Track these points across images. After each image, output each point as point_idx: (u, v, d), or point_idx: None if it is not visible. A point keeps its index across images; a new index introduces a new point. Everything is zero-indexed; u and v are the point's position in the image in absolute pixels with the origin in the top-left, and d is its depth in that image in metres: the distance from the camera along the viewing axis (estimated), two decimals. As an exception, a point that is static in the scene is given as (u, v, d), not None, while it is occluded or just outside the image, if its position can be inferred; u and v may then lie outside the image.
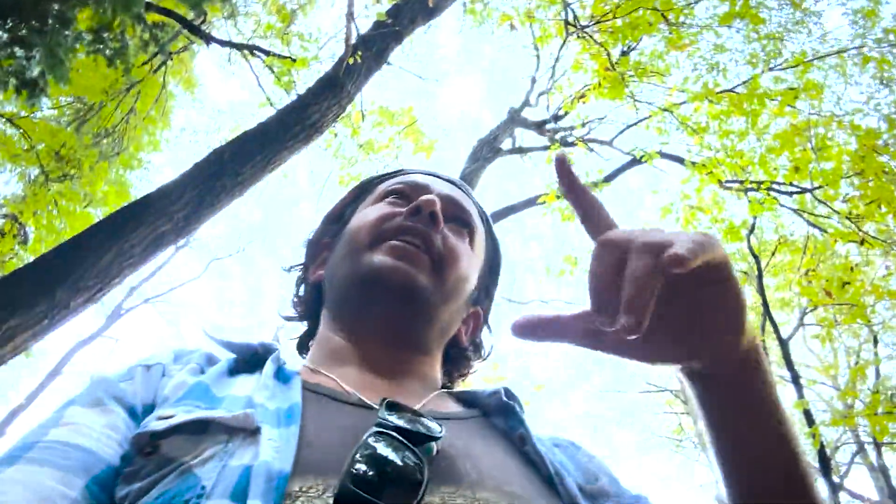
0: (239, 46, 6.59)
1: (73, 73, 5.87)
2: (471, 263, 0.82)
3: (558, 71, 8.35)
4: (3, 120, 7.50)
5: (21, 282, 3.07)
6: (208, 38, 6.30)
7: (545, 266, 9.32)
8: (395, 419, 0.56)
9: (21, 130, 7.42)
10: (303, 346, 0.91)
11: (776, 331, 8.89)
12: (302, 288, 0.91)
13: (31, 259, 7.60)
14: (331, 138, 7.64)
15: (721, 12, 6.49)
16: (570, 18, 5.94)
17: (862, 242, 5.40)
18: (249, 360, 0.72)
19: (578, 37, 5.81)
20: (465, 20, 8.60)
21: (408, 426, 0.55)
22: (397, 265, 0.73)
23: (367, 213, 0.82)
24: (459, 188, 0.92)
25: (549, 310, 0.52)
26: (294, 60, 5.88)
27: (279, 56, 6.14)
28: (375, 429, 0.52)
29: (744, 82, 6.43)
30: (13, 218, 8.02)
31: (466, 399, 0.81)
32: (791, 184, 6.08)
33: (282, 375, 0.67)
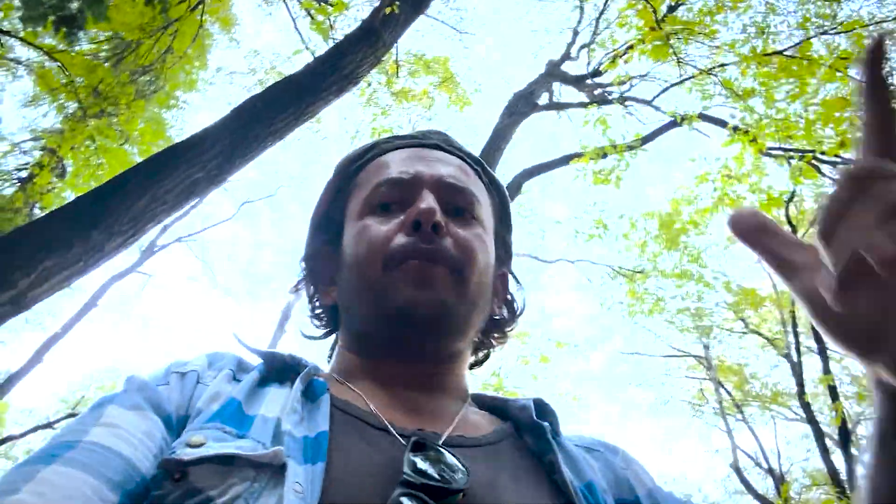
0: (277, -13, 6.49)
1: (111, 9, 5.85)
2: (485, 248, 0.78)
3: (602, 25, 8.11)
4: (42, 53, 7.54)
5: (58, 223, 3.13)
6: (246, -22, 6.20)
7: (573, 228, 9.23)
8: (422, 465, 0.55)
9: (59, 64, 7.46)
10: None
11: (807, 302, 8.76)
12: (317, 305, 0.88)
13: (69, 194, 7.76)
14: (364, 86, 7.56)
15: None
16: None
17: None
18: (279, 368, 0.71)
19: (625, -10, 5.60)
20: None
21: (435, 482, 0.53)
22: (421, 296, 0.70)
23: (362, 233, 0.77)
24: (444, 149, 0.86)
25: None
26: (331, 4, 5.79)
27: (317, -1, 6.04)
28: (402, 490, 0.52)
29: (794, 45, 6.17)
30: (51, 151, 8.16)
31: (497, 409, 0.79)
32: (836, 155, 5.88)
33: (310, 391, 0.66)
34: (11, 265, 2.83)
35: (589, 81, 8.02)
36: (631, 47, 6.46)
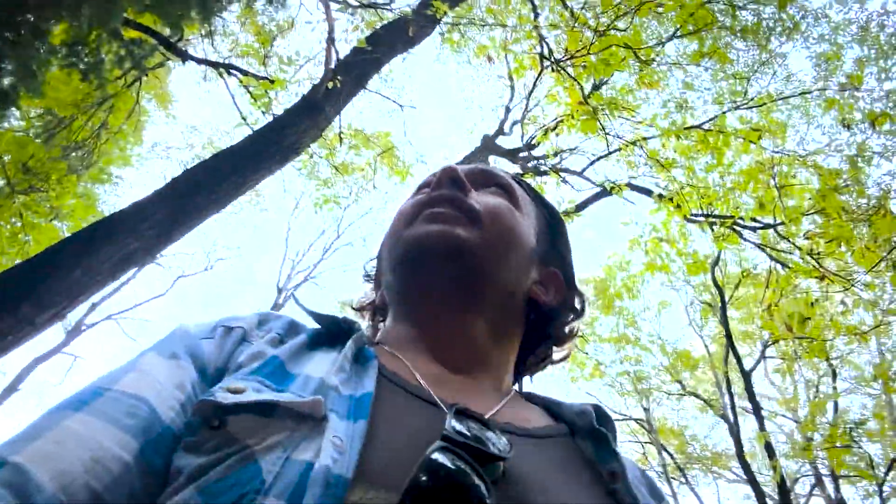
0: (215, 65, 6.58)
1: (45, 85, 5.80)
2: (514, 216, 0.79)
3: (532, 102, 8.51)
4: (-30, 130, 7.35)
5: (-15, 296, 3.01)
6: (184, 56, 6.28)
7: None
8: (462, 429, 0.53)
9: (-13, 141, 7.28)
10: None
11: (739, 363, 9.05)
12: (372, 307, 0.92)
13: (-8, 272, 7.43)
14: (305, 158, 7.65)
15: (690, 51, 6.70)
16: (545, 52, 6.08)
17: (822, 279, 5.56)
18: (332, 331, 0.70)
19: (553, 70, 5.93)
20: (442, 49, 8.73)
21: (475, 444, 0.52)
22: (432, 227, 0.73)
23: (397, 210, 0.83)
24: (489, 167, 0.90)
25: None
26: (272, 81, 5.90)
27: (257, 76, 6.15)
28: (441, 443, 0.50)
29: (710, 119, 6.64)
30: (-25, 229, 7.83)
31: (550, 409, 0.76)
32: (754, 219, 6.25)
33: (360, 357, 0.65)
34: (-67, 340, 2.69)
35: (523, 154, 8.34)
36: (561, 121, 6.80)
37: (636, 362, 11.10)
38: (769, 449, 7.74)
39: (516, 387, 0.83)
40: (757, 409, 8.70)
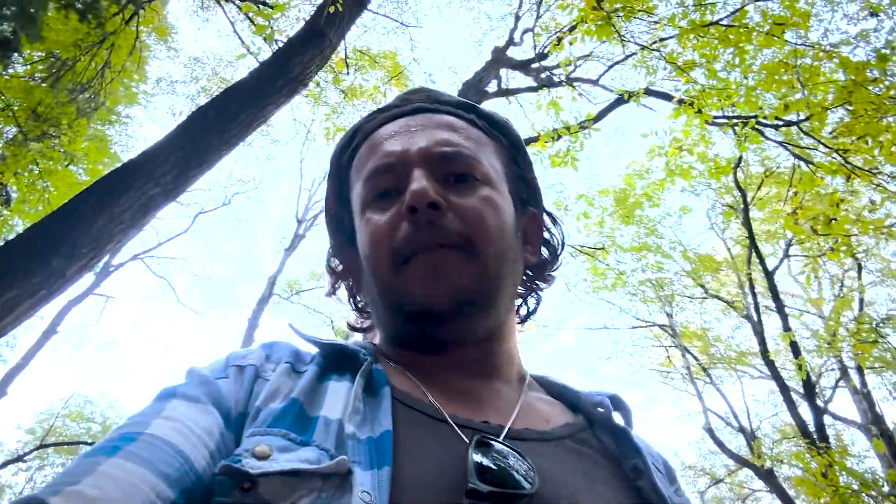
0: (213, -7, 6.38)
1: (45, 28, 5.68)
2: (497, 208, 0.73)
3: (543, 8, 8.18)
4: (-25, 78, 7.28)
5: (16, 253, 3.05)
6: (181, -14, 6.08)
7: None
8: (487, 462, 0.54)
9: (-6, 89, 7.22)
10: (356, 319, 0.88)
11: (762, 263, 9.03)
12: (358, 300, 0.87)
13: (17, 221, 7.53)
14: (312, 86, 7.49)
15: (708, -57, 6.32)
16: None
17: (849, 177, 5.44)
18: (338, 357, 0.70)
19: (563, -26, 5.66)
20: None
21: (501, 487, 0.53)
22: (436, 289, 0.67)
23: (366, 232, 0.74)
24: (429, 109, 0.81)
25: None
26: (272, 7, 5.72)
27: (256, 2, 5.96)
28: (469, 501, 0.51)
29: (730, 14, 6.34)
30: (-6, 179, 7.89)
31: (567, 398, 0.76)
32: (777, 117, 6.06)
33: (371, 386, 0.64)
34: (-29, 300, 2.75)
35: (535, 65, 8.10)
36: (573, 28, 6.54)
37: (658, 269, 11.12)
38: (794, 347, 7.82)
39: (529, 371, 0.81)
40: (780, 308, 8.75)
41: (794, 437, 9.78)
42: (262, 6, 5.96)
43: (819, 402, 8.85)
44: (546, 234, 0.87)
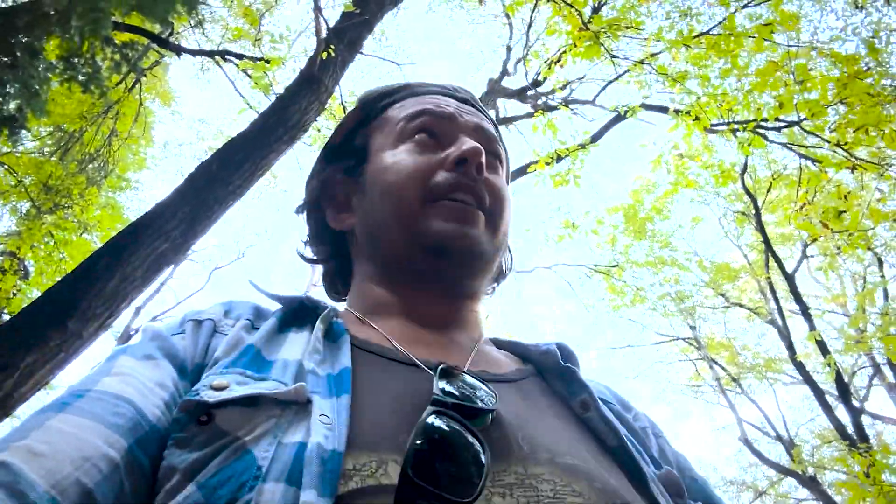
0: (210, 54, 6.55)
1: (49, 102, 5.85)
2: (510, 201, 0.80)
3: (532, 36, 8.31)
4: (-13, 158, 7.48)
5: (32, 318, 3.10)
6: (178, 50, 6.26)
7: (543, 233, 9.34)
8: (450, 388, 0.55)
9: (6, 167, 7.41)
10: (332, 287, 0.89)
11: (780, 266, 8.94)
12: (319, 229, 0.87)
13: (36, 293, 7.64)
14: (315, 133, 7.62)
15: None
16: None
17: (854, 168, 5.41)
18: (298, 312, 0.71)
19: (548, 0, 5.77)
20: (433, -2, 8.52)
21: (465, 402, 0.54)
22: (461, 231, 0.71)
23: (400, 161, 0.76)
24: (473, 104, 0.87)
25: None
26: (267, 61, 5.85)
27: (252, 59, 6.10)
28: (433, 408, 0.51)
29: (718, 23, 6.40)
30: (11, 255, 8.04)
31: (517, 352, 0.79)
32: (777, 119, 6.07)
33: (331, 333, 0.66)
34: (-9, 368, 2.79)
35: (531, 92, 8.19)
36: (564, 52, 6.63)
37: (675, 282, 11.03)
38: (822, 347, 7.69)
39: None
40: (804, 310, 8.62)
41: (834, 440, 9.54)
42: (259, 62, 6.11)
43: (855, 402, 8.65)
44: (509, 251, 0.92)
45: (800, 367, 8.51)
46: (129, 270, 3.39)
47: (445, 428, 0.50)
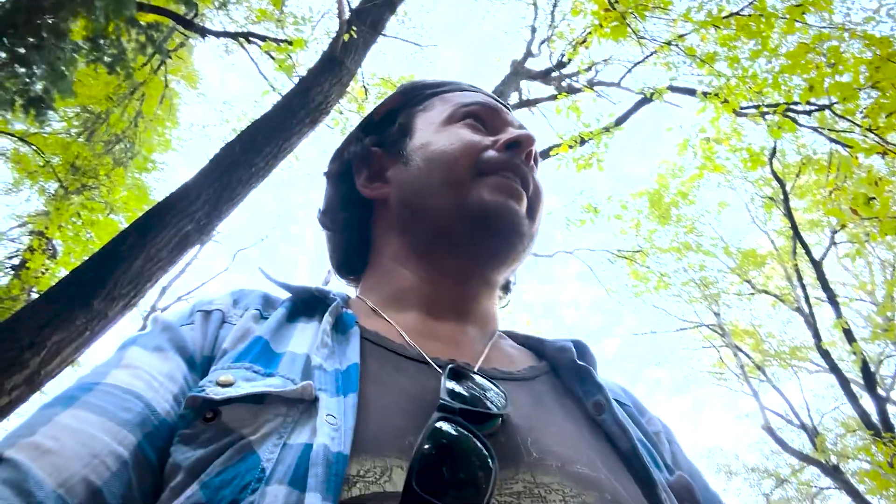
0: (234, 35, 6.57)
1: (76, 84, 5.91)
2: (546, 199, 0.82)
3: (557, 17, 8.20)
4: (15, 139, 7.59)
5: (58, 297, 3.15)
6: (203, 31, 6.28)
7: (565, 217, 9.27)
8: (459, 389, 0.55)
9: (34, 147, 7.52)
10: (342, 264, 0.88)
11: (808, 253, 8.79)
12: (344, 195, 0.87)
13: (63, 272, 7.79)
14: (337, 115, 7.62)
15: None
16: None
17: (885, 154, 5.28)
18: (308, 301, 0.70)
19: (574, -20, 5.67)
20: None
21: (473, 406, 0.53)
22: (509, 205, 0.72)
23: (453, 135, 0.78)
24: (510, 110, 0.89)
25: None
26: (290, 43, 5.85)
27: (275, 40, 6.10)
28: (440, 414, 0.50)
29: (749, 3, 6.25)
30: (40, 234, 8.18)
31: (532, 346, 0.78)
32: (808, 102, 5.93)
33: (340, 325, 0.65)
34: (20, 345, 2.84)
35: (555, 74, 8.09)
36: (589, 33, 6.53)
37: (700, 268, 10.91)
38: (848, 335, 7.56)
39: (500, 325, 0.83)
40: (832, 297, 8.48)
41: (858, 429, 9.42)
42: (282, 44, 6.11)
43: (880, 391, 8.52)
44: None
45: (825, 354, 8.39)
46: (154, 251, 3.42)
47: (453, 432, 0.49)
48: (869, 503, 8.55)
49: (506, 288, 0.88)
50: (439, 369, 0.59)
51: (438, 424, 0.49)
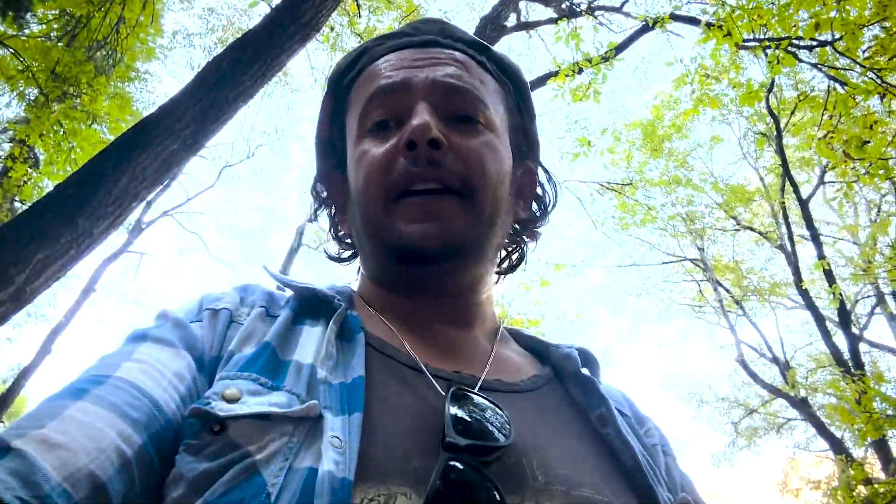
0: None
1: (55, -15, 5.62)
2: (497, 156, 0.70)
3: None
4: (-7, 41, 7.29)
5: (42, 214, 3.10)
6: (188, -66, 5.95)
7: (556, 149, 9.17)
8: (462, 414, 0.54)
9: (12, 50, 7.24)
10: (342, 243, 0.86)
11: (796, 191, 8.82)
12: (338, 229, 0.85)
13: (47, 183, 7.65)
14: (327, 31, 7.36)
15: None
16: None
17: (884, 95, 5.21)
18: (311, 301, 0.68)
19: None
20: None
21: (479, 440, 0.52)
22: (427, 229, 0.64)
23: (361, 161, 0.70)
24: (441, 44, 0.77)
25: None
26: (281, -49, 5.56)
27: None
28: (447, 455, 0.50)
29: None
30: (21, 142, 7.99)
31: (536, 349, 0.76)
32: (811, 39, 5.79)
33: (345, 332, 0.63)
34: (4, 262, 2.81)
35: (555, -4, 7.81)
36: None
37: (688, 203, 10.94)
38: (829, 276, 7.69)
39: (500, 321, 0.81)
40: (815, 236, 8.57)
41: (829, 365, 9.73)
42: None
43: (854, 330, 8.75)
44: (539, 190, 0.85)
45: (804, 293, 8.56)
46: (139, 170, 3.35)
47: (461, 467, 0.50)
48: (833, 435, 8.94)
49: (539, 210, 0.84)
50: (442, 392, 0.59)
51: (452, 463, 0.50)
